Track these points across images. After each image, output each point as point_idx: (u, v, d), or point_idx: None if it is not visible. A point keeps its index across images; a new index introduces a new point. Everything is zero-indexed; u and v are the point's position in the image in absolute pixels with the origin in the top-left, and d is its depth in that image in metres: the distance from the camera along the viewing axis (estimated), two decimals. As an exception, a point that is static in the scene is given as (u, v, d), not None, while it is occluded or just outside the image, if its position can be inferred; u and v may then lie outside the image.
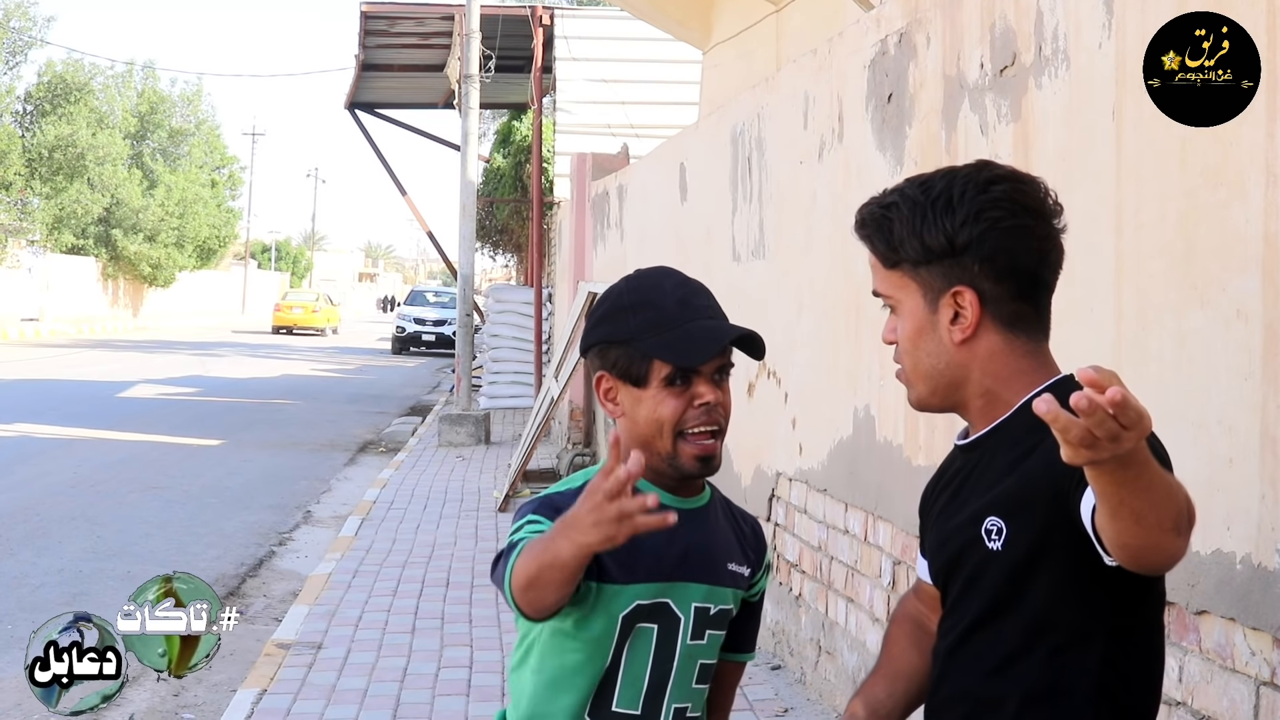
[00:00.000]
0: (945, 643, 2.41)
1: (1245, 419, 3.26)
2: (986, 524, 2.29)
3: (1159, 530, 1.98)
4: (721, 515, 2.64)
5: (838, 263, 6.50)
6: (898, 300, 2.38)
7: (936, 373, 2.37)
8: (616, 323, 2.52)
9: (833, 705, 6.52)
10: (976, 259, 2.29)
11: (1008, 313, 2.32)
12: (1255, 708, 3.25)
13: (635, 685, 2.48)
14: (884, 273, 2.39)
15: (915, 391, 2.43)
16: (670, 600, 2.48)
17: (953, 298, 2.31)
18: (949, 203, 2.30)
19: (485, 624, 8.41)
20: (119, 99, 55.38)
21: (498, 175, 32.24)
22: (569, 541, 2.16)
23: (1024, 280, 2.33)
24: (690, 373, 2.48)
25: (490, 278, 54.17)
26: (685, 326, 2.48)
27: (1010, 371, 2.34)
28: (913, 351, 2.38)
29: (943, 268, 2.31)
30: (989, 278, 2.30)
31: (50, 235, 50.69)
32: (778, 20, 13.38)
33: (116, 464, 15.70)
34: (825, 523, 6.72)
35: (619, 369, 2.51)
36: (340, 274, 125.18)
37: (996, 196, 2.30)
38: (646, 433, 2.49)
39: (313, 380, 30.89)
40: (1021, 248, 2.31)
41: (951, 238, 2.29)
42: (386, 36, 23.84)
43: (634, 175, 13.27)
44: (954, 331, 2.33)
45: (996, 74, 4.81)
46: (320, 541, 11.63)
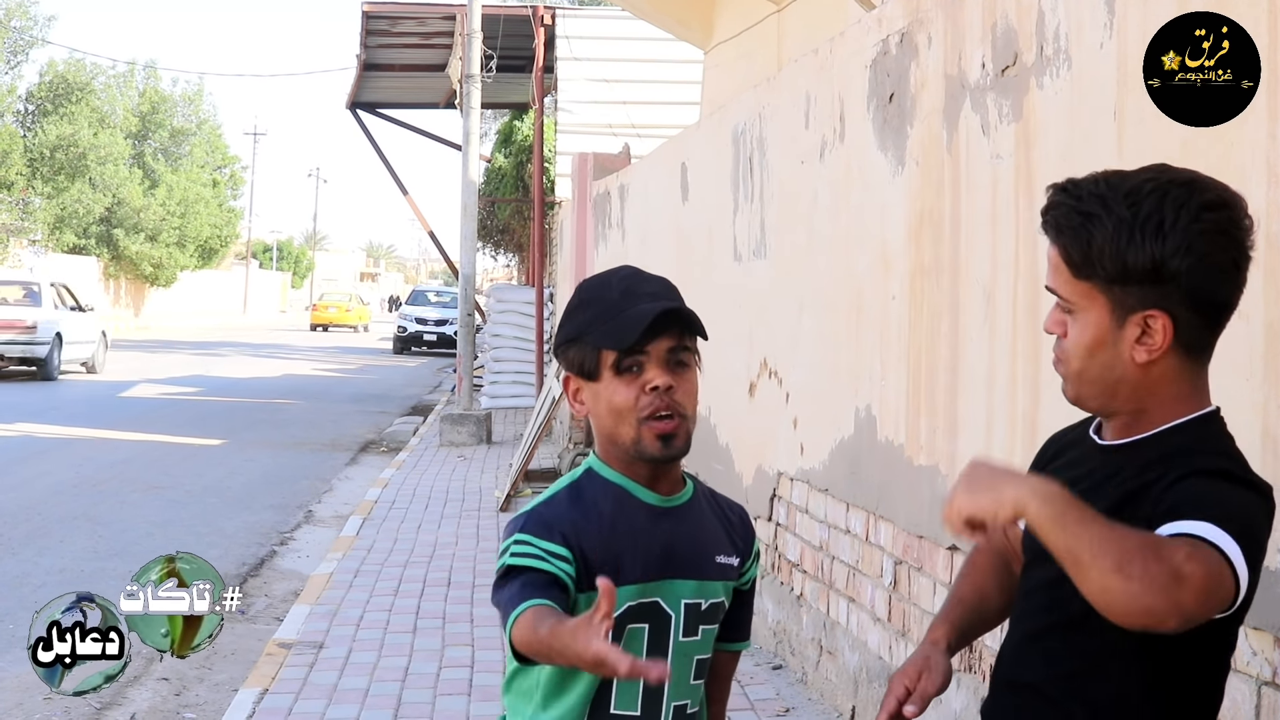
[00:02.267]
0: (1020, 627, 2.43)
1: (1247, 419, 3.26)
2: None
3: (1099, 573, 2.00)
4: (707, 508, 2.64)
5: (839, 262, 6.50)
6: (1080, 308, 2.29)
7: (1106, 384, 2.30)
8: (570, 323, 2.54)
9: (834, 705, 6.52)
10: (1179, 287, 2.20)
11: (1192, 340, 2.26)
12: (1257, 707, 3.25)
13: (632, 686, 2.48)
14: (1069, 278, 2.29)
15: (1074, 390, 2.35)
16: (660, 599, 2.49)
17: (1144, 319, 2.23)
18: (1159, 226, 2.19)
19: (487, 623, 8.40)
20: (120, 99, 55.41)
21: (499, 175, 32.26)
22: (570, 653, 2.17)
23: (1219, 311, 2.27)
24: (640, 357, 2.47)
25: (492, 277, 54.18)
26: (624, 313, 2.47)
27: (1172, 395, 2.28)
28: (1085, 358, 2.30)
29: (1141, 290, 2.21)
30: (1187, 306, 2.22)
31: (52, 235, 50.71)
32: (779, 20, 13.38)
33: (118, 464, 15.70)
34: (826, 522, 6.72)
35: (575, 366, 2.53)
36: (342, 274, 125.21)
37: (1210, 227, 2.20)
38: (608, 424, 2.51)
39: (314, 380, 30.89)
40: (1224, 280, 2.24)
41: (1159, 265, 2.19)
42: (388, 36, 23.85)
43: (635, 175, 13.27)
44: (1138, 351, 2.25)
45: (998, 74, 4.82)
46: (322, 541, 11.62)
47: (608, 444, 2.54)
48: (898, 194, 5.80)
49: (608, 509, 2.50)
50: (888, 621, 5.88)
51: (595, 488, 2.54)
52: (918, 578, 5.54)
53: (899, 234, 5.76)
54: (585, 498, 2.52)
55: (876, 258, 6.01)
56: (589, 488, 2.54)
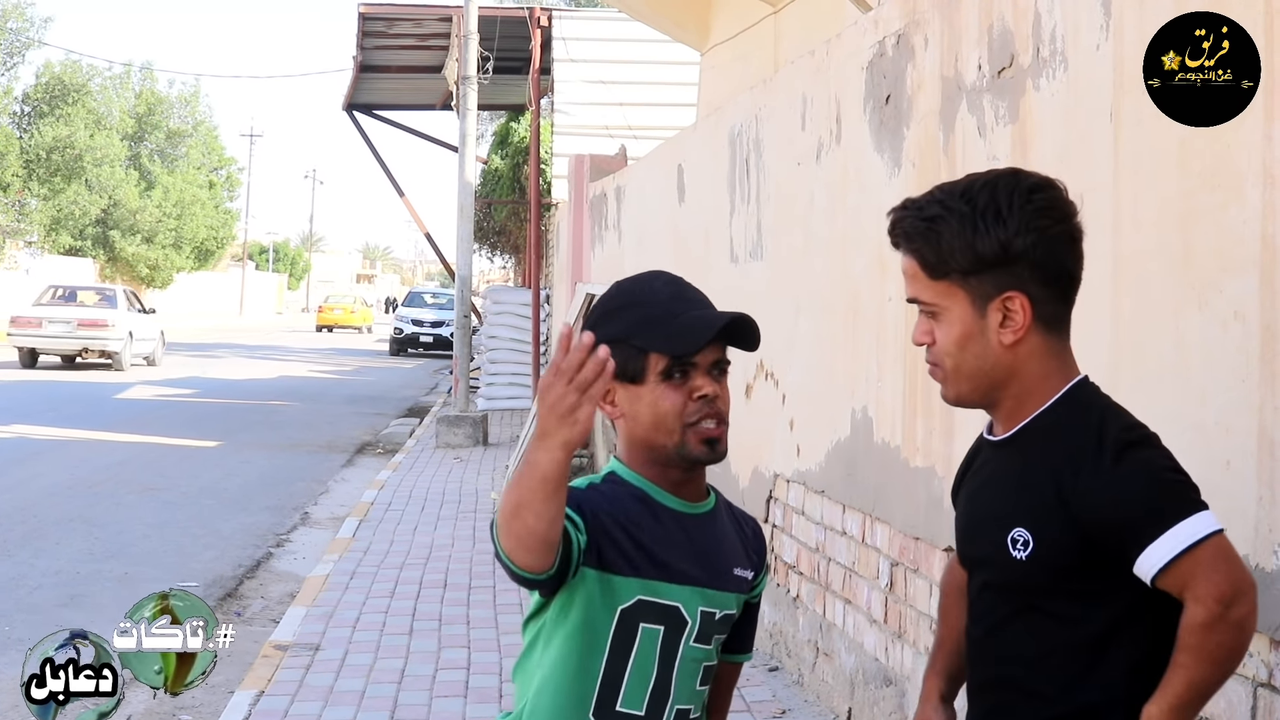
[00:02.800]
0: (978, 627, 2.53)
1: (1243, 421, 3.26)
2: (1013, 534, 2.41)
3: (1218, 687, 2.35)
4: (727, 519, 2.64)
5: (835, 264, 6.50)
6: (942, 308, 2.45)
7: (981, 373, 2.46)
8: (609, 323, 2.51)
9: (830, 707, 6.52)
10: (1028, 265, 2.39)
11: (1049, 314, 2.43)
12: (1253, 709, 3.25)
13: (642, 686, 2.47)
14: (927, 282, 2.46)
15: (954, 389, 2.51)
16: (680, 604, 2.48)
17: (1003, 302, 2.41)
18: (998, 212, 2.39)
19: (483, 625, 8.40)
20: (116, 100, 55.42)
21: (495, 176, 32.25)
22: (542, 450, 2.17)
23: (1066, 282, 2.45)
24: (688, 366, 2.47)
25: (488, 279, 54.25)
26: (679, 318, 2.47)
27: (1043, 371, 2.44)
28: (957, 354, 2.46)
29: (994, 275, 2.40)
30: (1038, 282, 2.40)
31: (48, 236, 50.72)
32: (776, 22, 13.38)
33: (114, 465, 15.69)
34: (823, 524, 6.71)
35: (615, 369, 2.50)
36: (338, 275, 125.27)
37: (1041, 205, 2.40)
38: (647, 428, 2.49)
39: (310, 381, 30.87)
40: (1066, 252, 2.43)
41: (1006, 246, 2.38)
42: (384, 38, 23.84)
43: (632, 177, 13.27)
44: (1003, 334, 2.42)
45: (994, 75, 4.81)
46: (318, 543, 11.62)
47: (640, 447, 2.52)
48: (894, 196, 5.77)
49: (632, 506, 2.49)
50: (884, 623, 5.87)
51: (618, 487, 2.53)
52: (914, 579, 5.54)
53: (895, 236, 5.75)
54: (608, 492, 2.51)
55: (873, 259, 6.00)
56: (612, 486, 2.53)
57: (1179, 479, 2.35)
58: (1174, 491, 2.31)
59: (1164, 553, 2.26)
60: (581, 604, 2.44)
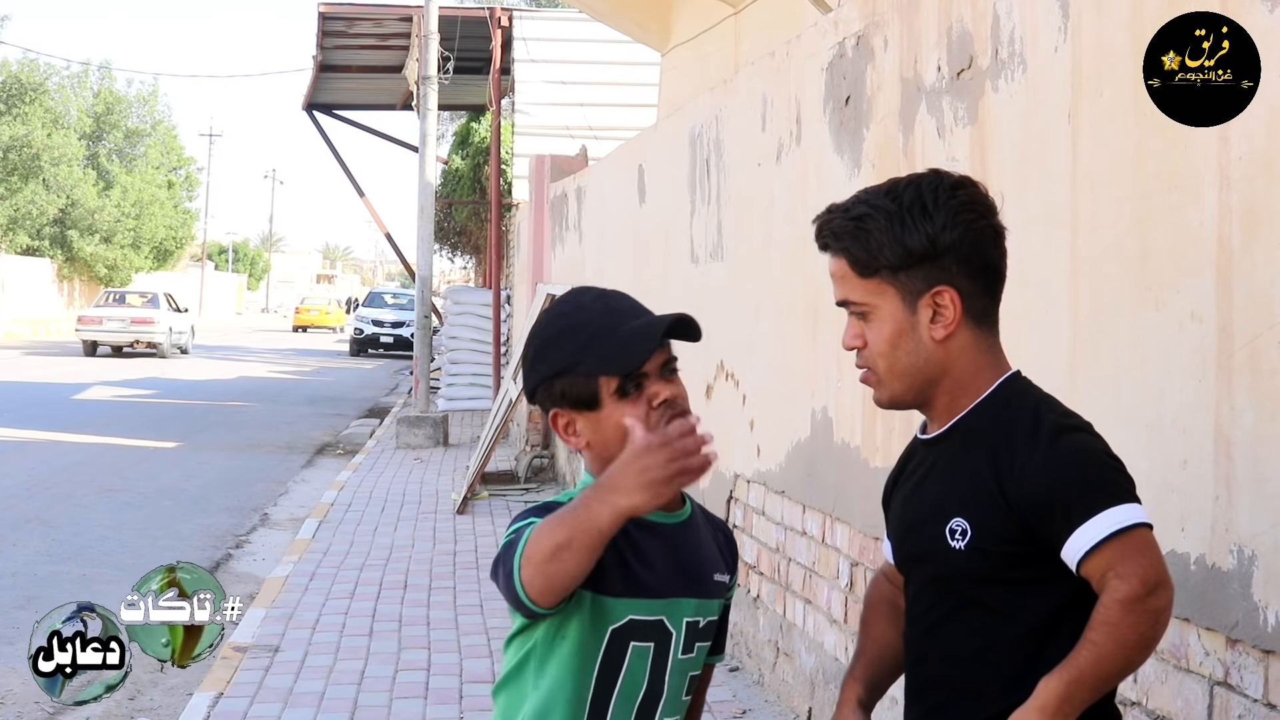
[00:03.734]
0: (916, 630, 2.53)
1: (1199, 420, 3.28)
2: (951, 524, 2.41)
3: (1124, 675, 2.36)
4: (703, 525, 2.60)
5: (796, 265, 6.51)
6: (873, 306, 2.48)
7: (915, 370, 2.47)
8: (551, 356, 2.46)
9: (790, 706, 6.53)
10: (955, 259, 2.42)
11: (978, 308, 2.46)
12: (1209, 708, 3.27)
13: (629, 702, 2.44)
14: (857, 281, 2.49)
15: (888, 390, 2.52)
16: (665, 617, 2.45)
17: (933, 298, 2.43)
18: (924, 208, 2.42)
19: (443, 626, 8.39)
20: (75, 99, 55.12)
21: (456, 177, 32.19)
22: (607, 507, 2.15)
23: (992, 276, 2.47)
24: (640, 377, 2.42)
25: (449, 279, 54.09)
26: (617, 334, 2.42)
27: (975, 366, 2.47)
28: (890, 353, 2.48)
29: (923, 270, 2.42)
30: (966, 276, 2.43)
31: (5, 236, 50.35)
32: (736, 22, 13.40)
33: (72, 466, 15.60)
34: (783, 524, 6.73)
35: (569, 399, 2.44)
36: (298, 275, 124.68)
37: (965, 200, 2.43)
38: (616, 450, 2.36)
39: (270, 382, 30.76)
40: (990, 245, 2.46)
41: (934, 240, 2.41)
42: (345, 37, 23.78)
43: (592, 177, 13.27)
44: (935, 330, 2.44)
45: (954, 77, 4.83)
46: (277, 544, 11.58)
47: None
48: (854, 196, 5.80)
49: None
50: (844, 623, 5.89)
51: None
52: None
53: (855, 236, 5.76)
54: None
55: (833, 260, 6.01)
56: None
57: (1114, 466, 2.36)
58: (1107, 478, 2.32)
59: (1092, 535, 2.27)
60: (576, 626, 2.40)
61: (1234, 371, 3.18)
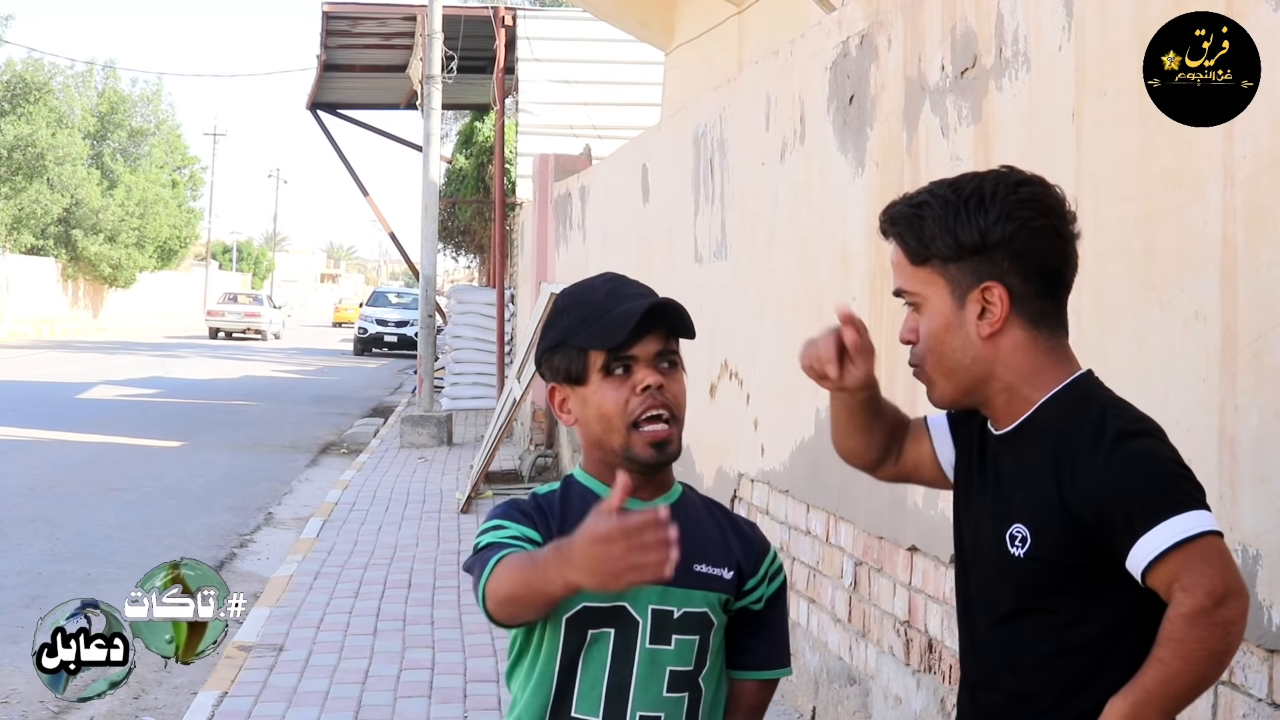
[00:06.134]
0: (974, 626, 2.50)
1: (1204, 420, 3.28)
2: (1011, 530, 2.38)
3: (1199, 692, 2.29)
4: (701, 516, 2.56)
5: (800, 264, 6.51)
6: (924, 297, 2.45)
7: (962, 368, 2.44)
8: (553, 329, 2.51)
9: (794, 706, 6.53)
10: (1007, 256, 2.38)
11: (1033, 310, 2.41)
12: (1214, 706, 3.27)
13: (594, 690, 2.43)
14: (910, 269, 2.46)
15: (938, 389, 2.49)
16: (626, 603, 2.42)
17: (981, 293, 2.40)
18: (981, 201, 2.39)
19: (447, 626, 8.39)
20: (79, 99, 55.06)
21: (460, 176, 32.17)
22: (559, 577, 2.14)
23: (1049, 278, 2.42)
24: (628, 360, 2.43)
25: (452, 279, 54.09)
26: (611, 312, 2.44)
27: (1032, 368, 2.42)
28: (937, 348, 2.45)
29: (973, 264, 2.40)
30: (1017, 274, 2.39)
31: (9, 236, 50.34)
32: (740, 22, 13.39)
33: (76, 465, 15.61)
34: (787, 524, 6.72)
35: (562, 373, 2.48)
36: (302, 275, 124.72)
37: (1025, 197, 2.40)
38: (596, 430, 2.46)
39: (274, 381, 30.77)
40: (1048, 247, 2.41)
41: (984, 234, 2.38)
42: (348, 37, 23.77)
43: (596, 176, 13.27)
44: (981, 326, 2.41)
45: (957, 76, 4.83)
46: (282, 543, 11.58)
47: (594, 450, 2.50)
48: (858, 195, 5.81)
49: (580, 509, 2.40)
50: (848, 622, 5.89)
51: (574, 492, 2.52)
52: (878, 578, 5.55)
53: (859, 235, 5.77)
54: (563, 499, 2.50)
55: (837, 259, 6.02)
56: (568, 492, 2.52)
57: (1180, 473, 2.29)
58: (1174, 484, 2.26)
59: (1157, 544, 2.20)
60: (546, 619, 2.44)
61: (1238, 371, 3.18)
